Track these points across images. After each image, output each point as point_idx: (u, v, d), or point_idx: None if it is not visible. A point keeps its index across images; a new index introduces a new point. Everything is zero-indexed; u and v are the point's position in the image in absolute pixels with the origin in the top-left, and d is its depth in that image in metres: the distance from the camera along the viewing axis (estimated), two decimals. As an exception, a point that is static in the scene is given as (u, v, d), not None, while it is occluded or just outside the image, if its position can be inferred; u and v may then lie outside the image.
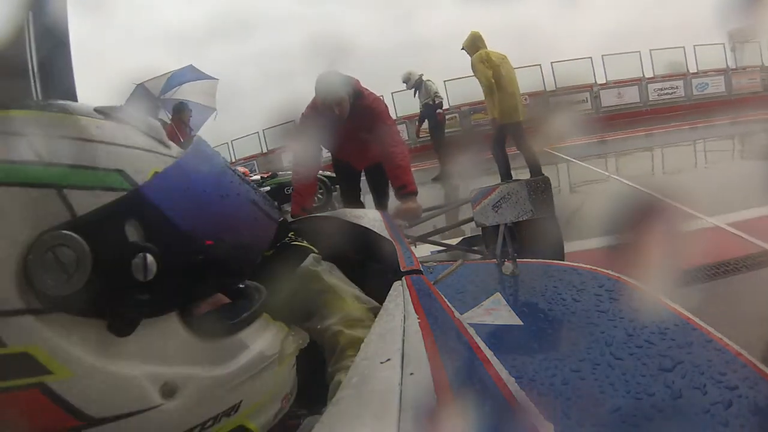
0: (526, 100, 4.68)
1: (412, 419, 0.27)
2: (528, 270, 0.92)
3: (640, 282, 0.75)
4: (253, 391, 0.36)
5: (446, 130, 7.23)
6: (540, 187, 1.02)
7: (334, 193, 6.01)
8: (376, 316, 0.58)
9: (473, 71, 3.88)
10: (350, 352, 0.52)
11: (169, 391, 0.31)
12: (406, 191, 1.91)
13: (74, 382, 0.28)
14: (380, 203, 2.39)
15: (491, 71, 3.67)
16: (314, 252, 0.65)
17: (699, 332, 0.60)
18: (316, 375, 0.55)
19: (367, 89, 2.07)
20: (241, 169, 7.16)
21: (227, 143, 8.96)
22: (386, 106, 2.12)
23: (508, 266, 0.93)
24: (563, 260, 1.42)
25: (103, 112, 0.34)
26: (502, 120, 3.77)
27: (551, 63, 9.63)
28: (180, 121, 4.02)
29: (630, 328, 0.65)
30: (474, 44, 3.82)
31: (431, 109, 5.72)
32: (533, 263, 0.95)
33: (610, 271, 0.82)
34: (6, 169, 0.28)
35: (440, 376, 0.31)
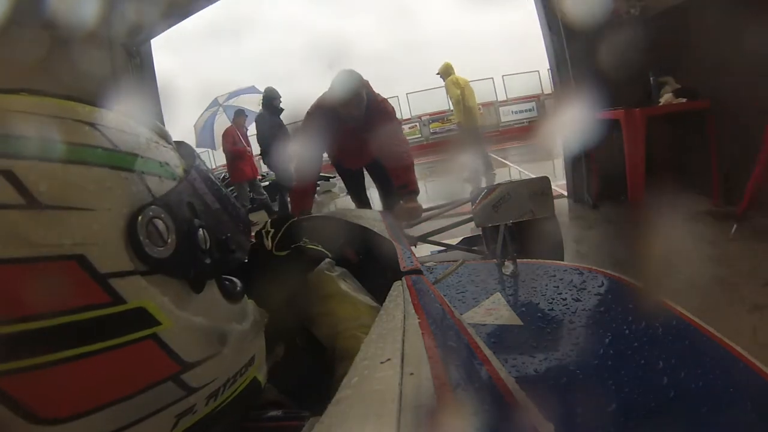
0: (480, 109, 6.13)
1: (412, 419, 0.27)
2: (528, 270, 0.92)
3: (637, 281, 0.75)
4: (258, 347, 0.44)
5: (409, 138, 9.77)
6: (540, 187, 1.02)
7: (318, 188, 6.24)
8: None
9: (447, 90, 5.56)
10: None
11: (223, 340, 0.37)
12: (408, 190, 1.91)
13: (174, 332, 0.33)
14: (387, 202, 2.38)
15: (459, 91, 5.31)
16: (329, 257, 0.66)
17: (699, 332, 0.60)
18: (320, 376, 0.55)
19: (374, 90, 2.07)
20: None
21: (207, 150, 9.37)
22: (393, 106, 2.12)
23: (508, 266, 0.93)
24: (563, 260, 1.42)
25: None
26: (465, 124, 5.43)
27: (502, 76, 10.98)
28: (240, 123, 5.47)
29: (630, 327, 0.65)
30: (447, 71, 5.41)
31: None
32: (533, 263, 0.95)
33: (610, 271, 0.82)
34: (101, 154, 0.32)
35: (440, 376, 0.31)
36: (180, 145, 0.43)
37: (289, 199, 3.65)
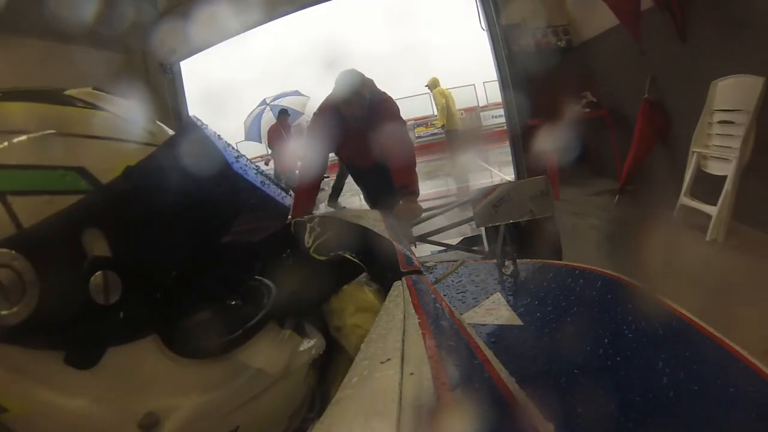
0: (462, 114, 7.65)
1: (412, 419, 0.27)
2: (528, 270, 0.92)
3: (636, 280, 0.75)
4: (253, 414, 0.31)
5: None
6: (539, 187, 1.02)
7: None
8: None
9: (434, 99, 7.17)
10: None
11: (148, 425, 0.26)
12: (408, 191, 1.91)
13: (32, 422, 0.24)
14: (386, 203, 2.38)
15: (444, 100, 6.78)
16: (366, 271, 0.64)
17: (699, 332, 0.60)
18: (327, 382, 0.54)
19: (380, 89, 2.06)
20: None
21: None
22: (398, 106, 2.11)
23: (508, 266, 0.93)
24: (561, 260, 1.42)
25: (81, 99, 0.28)
26: (448, 127, 6.95)
27: (483, 83, 11.05)
28: (284, 120, 6.17)
29: (630, 327, 0.65)
30: (434, 84, 6.90)
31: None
32: (533, 263, 0.95)
33: (609, 271, 0.82)
34: None
35: (440, 376, 0.31)
36: (185, 128, 0.32)
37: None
